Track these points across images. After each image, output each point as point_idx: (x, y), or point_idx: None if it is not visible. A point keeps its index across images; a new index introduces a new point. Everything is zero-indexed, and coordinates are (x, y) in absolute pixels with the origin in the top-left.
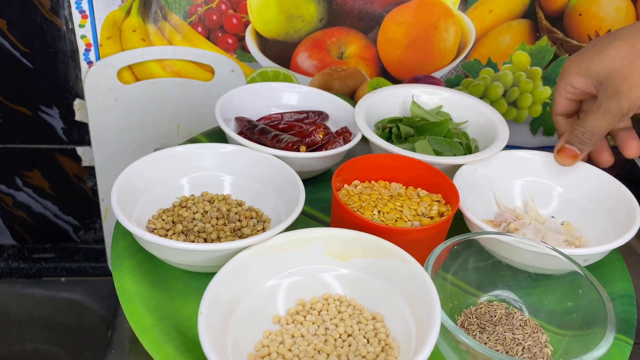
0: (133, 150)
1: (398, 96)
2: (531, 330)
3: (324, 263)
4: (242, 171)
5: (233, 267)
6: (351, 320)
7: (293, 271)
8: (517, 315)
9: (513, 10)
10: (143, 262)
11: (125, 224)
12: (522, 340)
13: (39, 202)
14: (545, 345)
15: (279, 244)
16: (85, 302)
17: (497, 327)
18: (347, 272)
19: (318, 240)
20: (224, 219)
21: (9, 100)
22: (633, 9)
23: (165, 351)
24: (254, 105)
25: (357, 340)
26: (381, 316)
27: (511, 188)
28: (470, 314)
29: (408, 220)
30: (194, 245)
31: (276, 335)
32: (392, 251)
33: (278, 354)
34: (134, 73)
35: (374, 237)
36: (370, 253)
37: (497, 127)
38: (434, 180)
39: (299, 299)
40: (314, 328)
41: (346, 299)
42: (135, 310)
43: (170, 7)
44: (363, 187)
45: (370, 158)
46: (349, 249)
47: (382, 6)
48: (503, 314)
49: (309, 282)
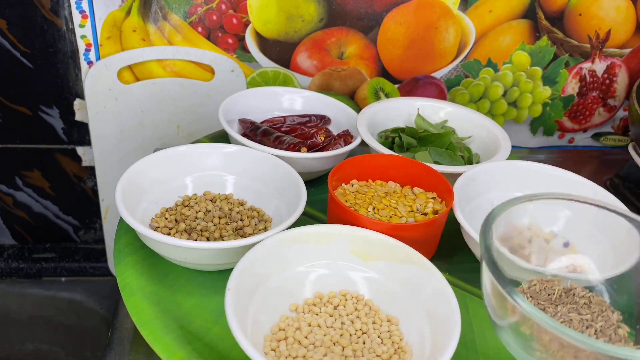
0: (133, 150)
1: (402, 108)
2: (599, 309)
3: (347, 260)
4: (244, 171)
5: (258, 252)
6: (367, 318)
7: (316, 264)
8: (578, 292)
9: (513, 10)
10: (145, 257)
11: (130, 221)
12: (591, 322)
13: (39, 202)
14: (619, 325)
15: (305, 235)
16: (85, 302)
17: (558, 307)
18: (368, 273)
19: (343, 237)
20: (226, 218)
21: (9, 100)
22: (633, 9)
23: (165, 342)
24: (257, 108)
25: (372, 339)
26: (396, 320)
27: None
28: (523, 293)
29: (402, 216)
30: (197, 244)
31: (293, 321)
32: (414, 258)
33: (294, 339)
34: (134, 73)
35: (397, 242)
36: (392, 257)
37: (500, 142)
38: (430, 180)
39: (317, 292)
40: (331, 320)
41: (363, 298)
42: (136, 304)
43: (170, 7)
44: (359, 186)
45: (367, 158)
46: (373, 250)
47: (382, 6)
48: (562, 290)
49: (330, 277)
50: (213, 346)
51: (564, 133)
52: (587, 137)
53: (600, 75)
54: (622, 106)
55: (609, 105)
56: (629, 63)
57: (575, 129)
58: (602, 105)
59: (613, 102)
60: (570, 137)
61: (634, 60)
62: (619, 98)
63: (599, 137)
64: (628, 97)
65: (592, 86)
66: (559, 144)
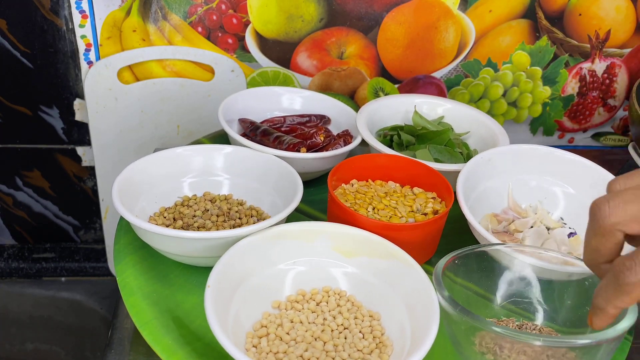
0: (133, 150)
1: (400, 105)
2: None
3: (329, 257)
4: (244, 171)
5: (239, 249)
6: (349, 314)
7: (298, 260)
8: (529, 326)
9: (513, 10)
10: (145, 257)
11: (123, 212)
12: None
13: (39, 202)
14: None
15: (287, 232)
16: (85, 302)
17: (514, 344)
18: (350, 269)
19: (325, 235)
20: (224, 216)
21: (9, 100)
22: (633, 9)
23: (165, 342)
24: (257, 108)
25: (353, 334)
26: (378, 315)
27: (526, 184)
28: (483, 335)
29: (402, 216)
30: (188, 233)
31: (275, 318)
32: (398, 254)
33: (276, 335)
34: (134, 73)
35: (381, 239)
36: (376, 254)
37: (498, 137)
38: (430, 180)
39: (300, 289)
40: (313, 316)
41: (346, 294)
42: (136, 303)
43: (170, 7)
44: (359, 186)
45: (366, 158)
46: (355, 247)
47: (382, 6)
48: (516, 327)
49: (312, 274)
50: (213, 346)
51: (564, 133)
52: (587, 137)
53: (600, 75)
54: (622, 106)
55: (609, 105)
56: (628, 63)
57: (575, 129)
58: (602, 105)
59: (613, 102)
60: (570, 137)
61: (634, 60)
62: (619, 98)
63: (599, 137)
64: (628, 97)
65: (592, 86)
66: (558, 144)
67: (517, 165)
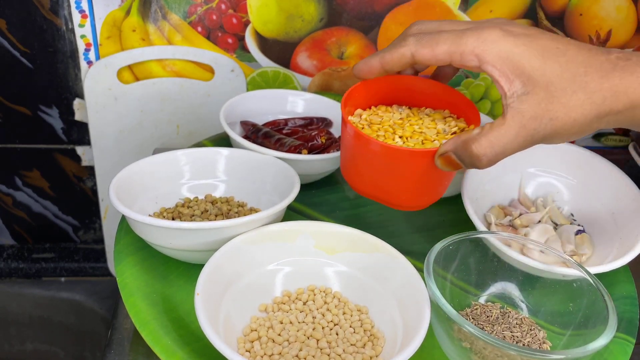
0: (133, 150)
1: None
2: (528, 328)
3: (312, 255)
4: (245, 174)
5: (222, 254)
6: (337, 310)
7: (281, 262)
8: (512, 314)
9: (513, 10)
10: (146, 258)
11: (120, 207)
12: (521, 338)
13: (38, 202)
14: (544, 341)
15: (268, 234)
16: (85, 302)
17: (494, 326)
18: (334, 266)
19: (307, 233)
20: (222, 216)
21: (9, 100)
22: (634, 8)
23: (165, 343)
24: (259, 111)
25: (344, 329)
26: (365, 308)
27: (537, 178)
28: (465, 315)
29: (435, 139)
30: (178, 224)
31: (264, 321)
32: (380, 247)
33: (268, 337)
34: (134, 73)
35: (361, 232)
36: (358, 248)
37: None
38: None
39: (285, 290)
40: (302, 316)
41: (331, 291)
42: (136, 304)
43: (170, 6)
44: (368, 115)
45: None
46: (337, 243)
47: (382, 6)
48: (499, 313)
49: (296, 273)
50: (212, 347)
51: None
52: (588, 137)
53: None
54: None
55: None
56: None
57: None
58: None
59: None
60: None
61: None
62: None
63: (600, 137)
64: None
65: None
66: None
67: (527, 159)
